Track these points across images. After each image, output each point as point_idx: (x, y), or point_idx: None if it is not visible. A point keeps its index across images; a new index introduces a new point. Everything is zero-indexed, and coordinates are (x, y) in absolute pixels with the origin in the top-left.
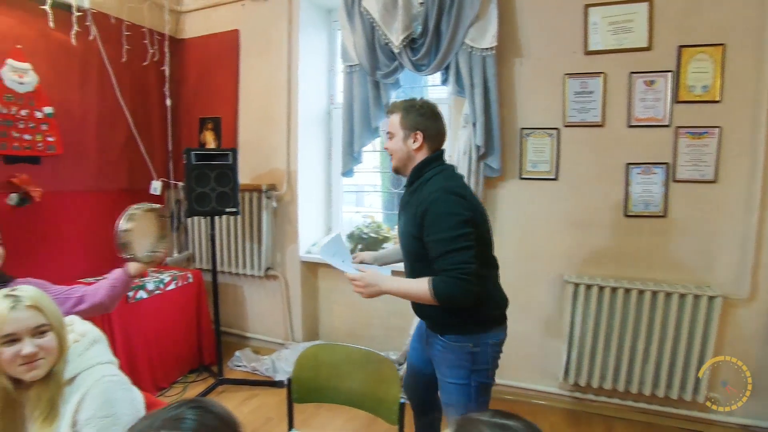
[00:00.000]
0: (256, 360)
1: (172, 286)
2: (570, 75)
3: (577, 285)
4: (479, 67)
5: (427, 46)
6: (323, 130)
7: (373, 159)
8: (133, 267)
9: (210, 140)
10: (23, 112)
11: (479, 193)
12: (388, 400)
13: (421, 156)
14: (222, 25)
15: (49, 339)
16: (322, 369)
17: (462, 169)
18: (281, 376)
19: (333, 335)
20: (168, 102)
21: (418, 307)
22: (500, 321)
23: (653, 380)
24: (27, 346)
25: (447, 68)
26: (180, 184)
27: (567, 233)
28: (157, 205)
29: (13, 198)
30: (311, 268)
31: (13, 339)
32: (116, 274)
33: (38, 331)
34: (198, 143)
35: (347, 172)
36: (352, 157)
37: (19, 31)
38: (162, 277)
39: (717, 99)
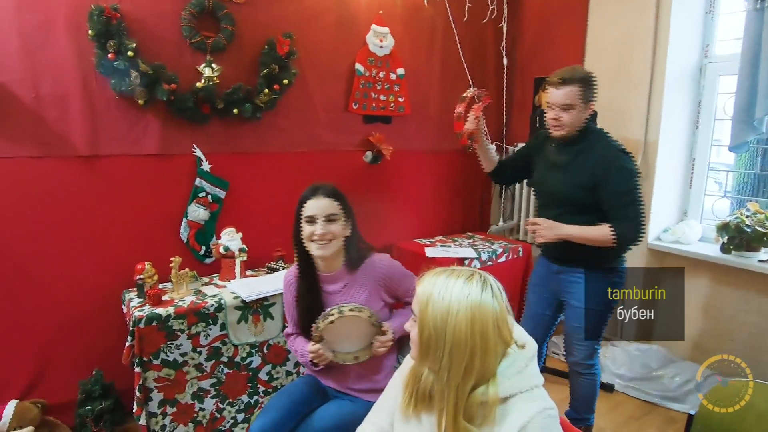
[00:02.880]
0: None
1: (503, 259)
2: None
3: None
4: None
5: None
6: (692, 91)
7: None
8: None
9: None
10: (381, 74)
11: None
12: None
13: (585, 122)
14: None
15: (413, 329)
16: (749, 416)
17: None
18: (608, 378)
19: (672, 341)
20: (504, 61)
21: (565, 250)
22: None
23: None
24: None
25: None
26: (513, 148)
27: None
28: (375, 317)
29: (368, 156)
30: (660, 257)
31: None
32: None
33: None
34: (532, 106)
35: (739, 146)
36: (750, 125)
37: None
38: (494, 247)
39: None
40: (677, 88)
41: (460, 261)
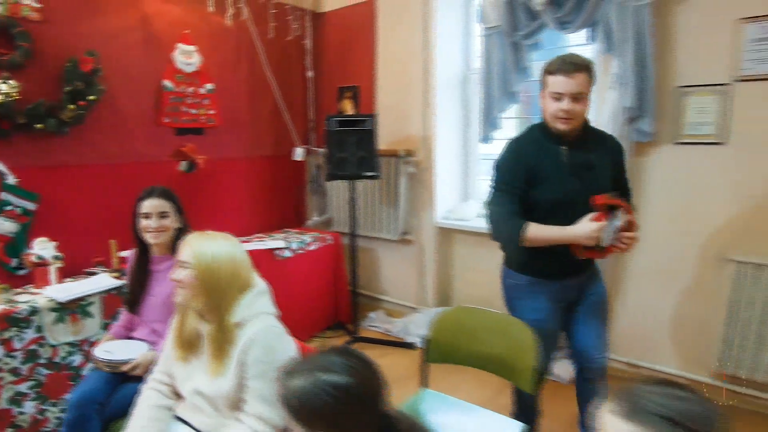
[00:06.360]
0: (389, 322)
1: (313, 247)
2: (746, 19)
3: (742, 264)
4: (632, 20)
5: (573, 1)
6: (460, 96)
7: (510, 126)
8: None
9: (348, 108)
10: (190, 90)
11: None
12: (524, 368)
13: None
14: None
15: (185, 274)
16: (461, 332)
17: None
18: (413, 339)
19: (466, 302)
20: (309, 74)
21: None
22: None
23: None
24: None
25: (593, 25)
26: (320, 150)
27: (733, 206)
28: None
29: (183, 165)
30: (446, 233)
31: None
32: None
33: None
34: (337, 111)
35: (485, 138)
36: (491, 123)
37: (186, 18)
38: (304, 237)
39: None
40: (447, 93)
41: (271, 251)
